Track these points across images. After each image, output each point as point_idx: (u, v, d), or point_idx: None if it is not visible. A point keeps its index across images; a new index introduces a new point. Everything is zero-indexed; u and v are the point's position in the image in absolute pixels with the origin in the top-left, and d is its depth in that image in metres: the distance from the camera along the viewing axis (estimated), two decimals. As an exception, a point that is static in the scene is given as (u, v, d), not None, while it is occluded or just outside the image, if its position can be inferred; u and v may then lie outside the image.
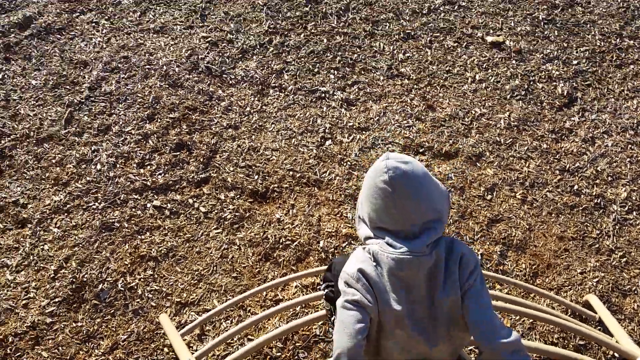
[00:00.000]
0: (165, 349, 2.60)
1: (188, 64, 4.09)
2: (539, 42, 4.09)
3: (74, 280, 2.87)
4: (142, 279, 2.86)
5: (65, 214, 3.17)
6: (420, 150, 3.46)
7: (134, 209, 3.19)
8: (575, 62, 3.93)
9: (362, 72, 4.02)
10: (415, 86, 3.91)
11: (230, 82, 3.97)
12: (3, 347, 2.63)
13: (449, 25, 4.38)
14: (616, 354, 2.45)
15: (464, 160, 3.39)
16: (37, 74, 4.03)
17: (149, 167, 3.41)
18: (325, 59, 4.13)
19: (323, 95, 3.87)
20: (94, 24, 4.46)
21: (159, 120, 3.69)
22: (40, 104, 3.82)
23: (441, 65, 4.06)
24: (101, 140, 3.57)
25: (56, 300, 2.80)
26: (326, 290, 1.91)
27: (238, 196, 3.26)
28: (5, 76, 4.02)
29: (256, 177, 3.35)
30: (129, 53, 4.19)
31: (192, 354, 2.29)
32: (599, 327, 2.55)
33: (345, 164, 3.41)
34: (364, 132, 3.60)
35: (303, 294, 2.76)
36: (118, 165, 3.42)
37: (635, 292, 2.75)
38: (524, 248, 2.95)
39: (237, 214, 3.15)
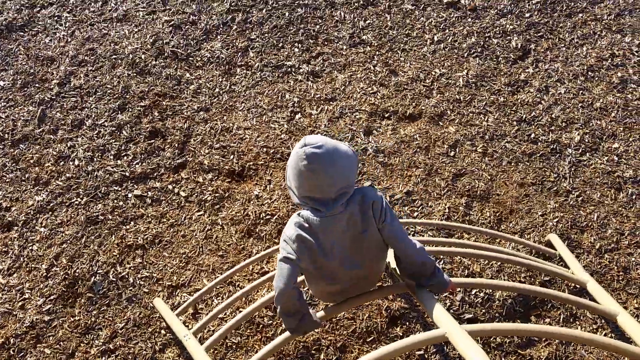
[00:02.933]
0: (162, 331, 2.76)
1: (153, 49, 4.15)
2: (493, -3, 4.21)
3: (66, 276, 2.99)
4: (132, 268, 3.00)
5: (50, 213, 3.28)
6: (386, 115, 3.60)
7: (115, 201, 3.31)
8: (527, 14, 4.05)
9: (325, 43, 4.12)
10: (377, 52, 4.02)
11: (197, 64, 4.05)
12: (6, 349, 2.75)
13: (404, -12, 4.47)
14: (577, 286, 2.68)
15: (427, 121, 3.54)
16: (4, 75, 4.07)
17: (125, 157, 3.51)
18: (289, 32, 4.21)
19: (289, 69, 3.96)
20: (56, 18, 4.47)
21: (130, 110, 3.77)
22: (12, 105, 3.87)
23: (401, 29, 4.16)
24: (76, 136, 3.65)
25: (51, 297, 2.92)
26: None
27: (216, 177, 3.38)
28: (-28, 80, 4.05)
29: (231, 157, 3.47)
30: (94, 45, 4.23)
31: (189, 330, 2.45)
32: (560, 263, 2.77)
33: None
34: (331, 103, 3.72)
35: (286, 264, 2.91)
36: (95, 159, 3.52)
37: (592, 227, 2.96)
38: (488, 198, 3.14)
39: (216, 194, 3.29)
